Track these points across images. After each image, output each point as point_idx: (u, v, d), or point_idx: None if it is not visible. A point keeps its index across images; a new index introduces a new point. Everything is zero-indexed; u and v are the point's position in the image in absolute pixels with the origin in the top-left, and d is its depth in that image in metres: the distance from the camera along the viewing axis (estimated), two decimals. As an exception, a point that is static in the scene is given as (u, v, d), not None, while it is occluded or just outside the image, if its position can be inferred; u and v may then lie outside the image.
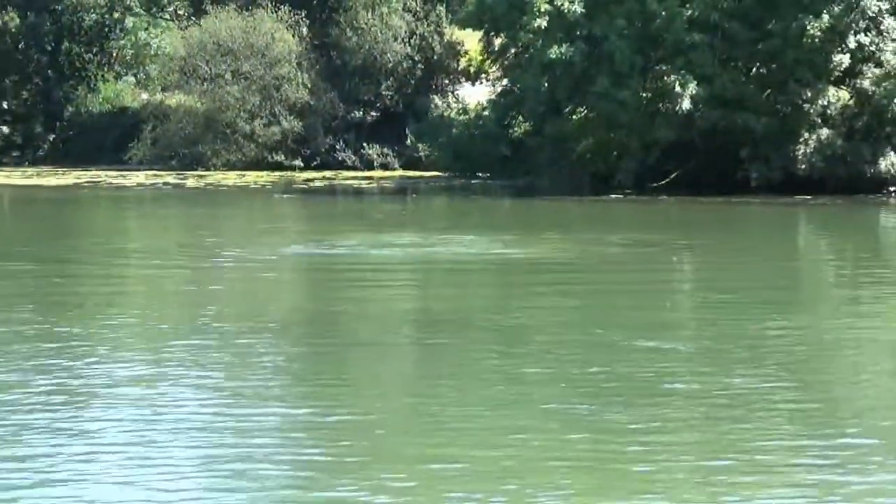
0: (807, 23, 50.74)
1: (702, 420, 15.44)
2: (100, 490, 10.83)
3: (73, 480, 11.15)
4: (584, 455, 13.20)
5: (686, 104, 50.90)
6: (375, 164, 68.52)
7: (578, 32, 53.26)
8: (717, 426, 14.62)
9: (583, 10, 52.39)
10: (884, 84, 51.51)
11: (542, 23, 52.25)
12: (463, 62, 71.40)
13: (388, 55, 69.58)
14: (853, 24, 51.80)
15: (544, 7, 52.49)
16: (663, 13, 52.25)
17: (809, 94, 52.44)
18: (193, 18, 75.64)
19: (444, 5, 71.19)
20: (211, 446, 13.75)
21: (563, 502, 9.86)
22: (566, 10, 52.16)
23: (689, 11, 52.29)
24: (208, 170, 66.81)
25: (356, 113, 70.37)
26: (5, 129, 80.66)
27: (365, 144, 69.18)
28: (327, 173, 67.15)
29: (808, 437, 13.69)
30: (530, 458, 12.95)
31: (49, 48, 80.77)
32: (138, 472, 11.59)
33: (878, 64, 52.87)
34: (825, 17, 51.24)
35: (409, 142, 67.52)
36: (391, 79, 70.30)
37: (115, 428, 14.65)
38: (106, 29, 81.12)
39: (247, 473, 11.54)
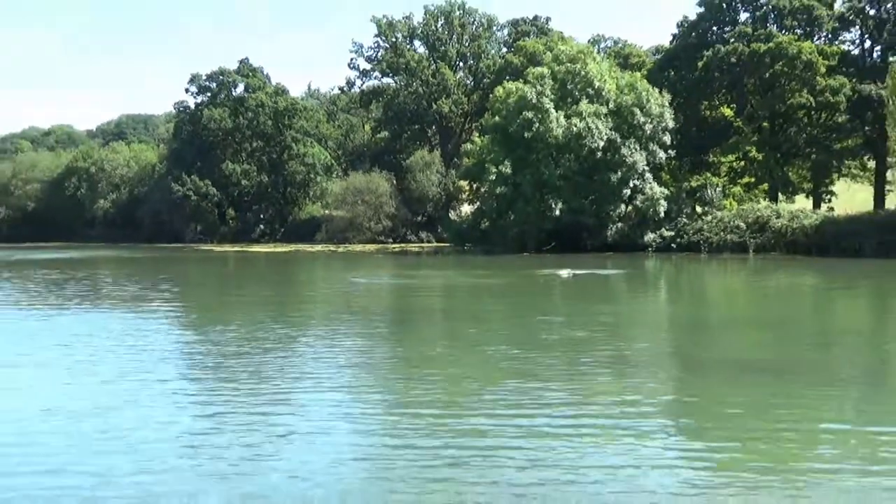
0: (611, 176, 67.02)
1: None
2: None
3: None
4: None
5: (557, 212, 66.57)
6: (424, 241, 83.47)
7: (509, 181, 67.58)
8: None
9: (510, 171, 66.98)
10: (646, 203, 67.02)
11: (492, 176, 67.31)
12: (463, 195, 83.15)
13: (430, 191, 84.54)
14: (631, 177, 67.24)
15: (493, 170, 66.90)
16: (545, 174, 66.89)
17: (612, 209, 67.81)
18: (344, 176, 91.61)
19: (454, 170, 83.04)
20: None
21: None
22: (504, 171, 66.88)
23: (558, 171, 66.98)
24: (351, 244, 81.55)
25: (416, 218, 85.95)
26: (262, 226, 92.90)
27: (420, 233, 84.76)
28: (403, 245, 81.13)
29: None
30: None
31: (280, 190, 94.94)
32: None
33: (642, 192, 67.74)
34: (619, 172, 67.04)
35: (440, 230, 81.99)
36: (431, 203, 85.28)
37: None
38: (309, 178, 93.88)
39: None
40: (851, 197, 71.89)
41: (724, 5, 74.08)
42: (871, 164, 71.66)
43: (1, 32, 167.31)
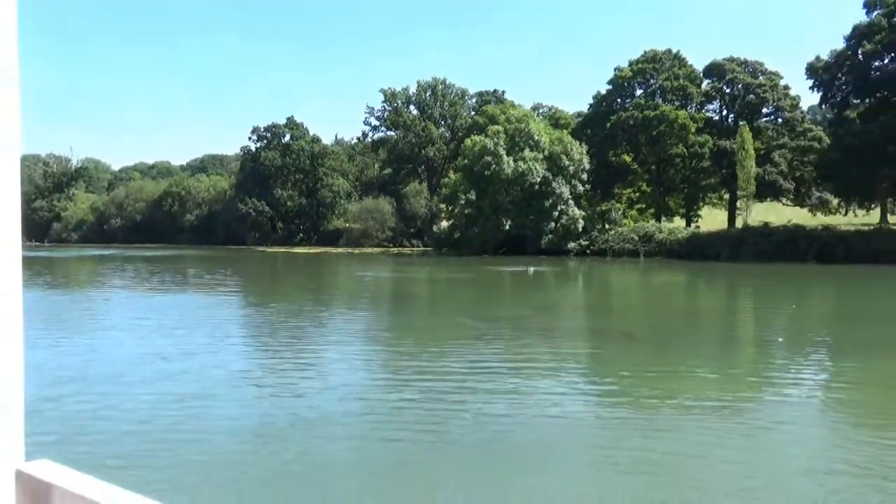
0: (545, 202, 66.25)
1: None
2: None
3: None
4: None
5: (507, 227, 66.31)
6: (415, 246, 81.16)
7: (473, 204, 66.90)
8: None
9: (475, 197, 66.38)
10: (569, 221, 66.09)
11: (462, 201, 67.16)
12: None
13: (419, 211, 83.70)
14: (559, 203, 66.39)
15: (463, 197, 66.80)
16: (499, 200, 66.50)
17: (545, 225, 66.48)
18: (359, 200, 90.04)
19: (437, 196, 79.48)
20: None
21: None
22: (470, 198, 66.47)
23: (508, 198, 66.43)
24: (363, 248, 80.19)
25: (409, 230, 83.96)
26: (301, 234, 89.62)
27: (412, 240, 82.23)
28: (400, 249, 79.16)
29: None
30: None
31: (314, 209, 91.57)
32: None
33: (567, 213, 66.21)
34: (550, 199, 66.36)
35: (426, 238, 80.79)
36: (420, 219, 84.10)
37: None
38: (335, 201, 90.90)
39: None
40: (713, 219, 71.73)
41: (626, 84, 74.21)
42: (727, 196, 71.93)
43: (128, 83, 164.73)
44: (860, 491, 7.81)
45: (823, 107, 66.52)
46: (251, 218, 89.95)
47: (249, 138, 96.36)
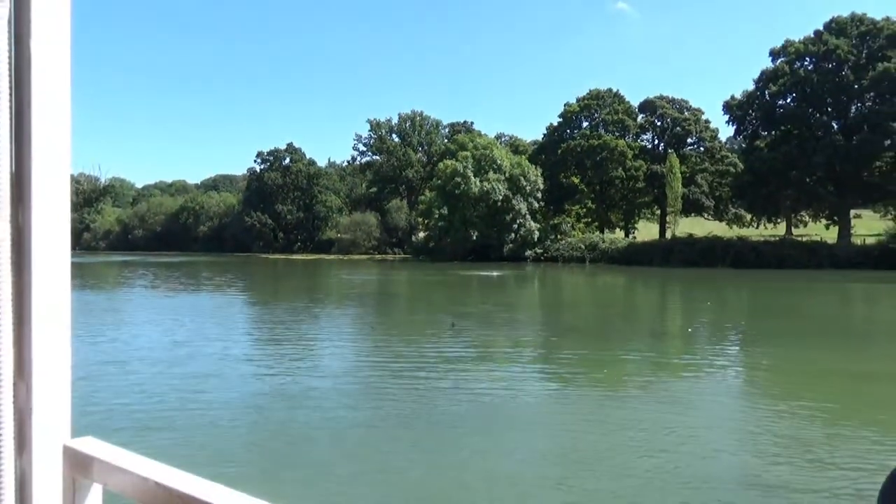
0: (506, 216, 65.95)
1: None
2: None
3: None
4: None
5: (474, 237, 66.32)
6: (396, 254, 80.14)
7: (445, 218, 66.97)
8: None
9: (447, 212, 66.55)
10: (526, 232, 66.20)
11: (436, 215, 67.21)
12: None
13: (400, 224, 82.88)
14: (517, 217, 66.42)
15: (437, 212, 66.87)
16: (467, 214, 66.41)
17: (506, 236, 66.51)
18: (349, 214, 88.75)
19: (415, 211, 78.17)
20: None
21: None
22: (443, 213, 66.72)
23: (475, 213, 66.06)
24: (352, 255, 78.76)
25: (392, 240, 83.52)
26: (299, 243, 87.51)
27: (394, 249, 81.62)
28: (384, 256, 77.75)
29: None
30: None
31: (310, 222, 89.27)
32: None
33: (524, 226, 66.34)
34: (510, 214, 66.22)
35: (405, 247, 79.69)
36: (401, 230, 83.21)
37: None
38: (328, 215, 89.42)
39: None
40: (647, 231, 72.47)
41: (573, 117, 74.67)
42: (658, 211, 72.34)
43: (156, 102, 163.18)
44: (753, 447, 8.12)
45: (738, 138, 67.63)
46: (256, 229, 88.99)
47: (255, 161, 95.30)
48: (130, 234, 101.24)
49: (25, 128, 1.17)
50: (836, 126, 57.57)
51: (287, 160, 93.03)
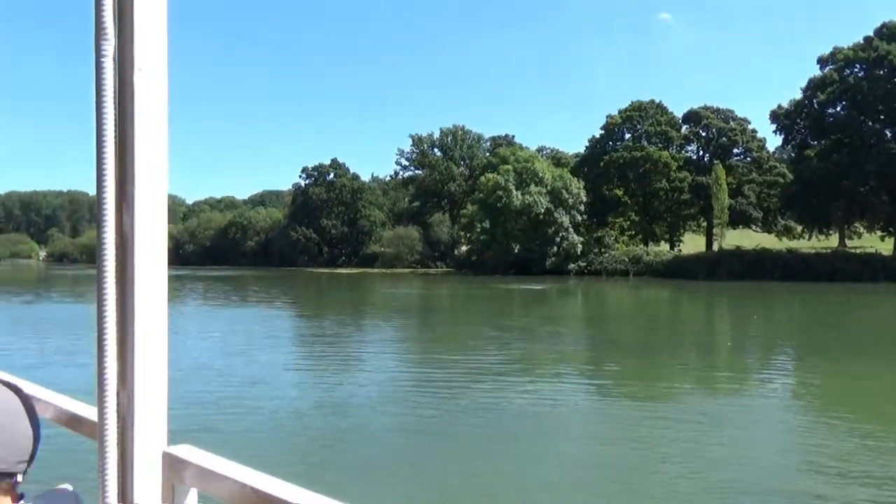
0: (548, 230, 65.33)
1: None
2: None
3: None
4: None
5: (516, 251, 65.29)
6: (439, 267, 78.17)
7: (487, 232, 66.33)
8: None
9: (489, 225, 65.81)
10: (569, 246, 65.44)
11: (478, 229, 66.91)
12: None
13: (442, 238, 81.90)
14: (560, 230, 66.13)
15: (479, 226, 66.64)
16: (509, 228, 65.49)
17: (548, 249, 65.91)
18: (392, 228, 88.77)
19: (457, 225, 78.60)
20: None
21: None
22: (485, 226, 66.10)
23: (516, 226, 65.14)
24: (395, 269, 77.78)
25: (434, 253, 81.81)
26: (343, 257, 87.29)
27: (437, 262, 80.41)
28: (426, 270, 76.44)
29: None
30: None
31: (355, 236, 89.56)
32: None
33: (567, 239, 65.86)
34: (553, 227, 65.23)
35: (448, 261, 79.00)
36: (443, 244, 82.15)
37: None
38: (371, 229, 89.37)
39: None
40: (693, 243, 70.71)
41: (616, 129, 73.93)
42: (704, 223, 70.75)
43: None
44: (807, 458, 7.94)
45: (786, 147, 66.10)
46: (301, 244, 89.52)
47: (300, 176, 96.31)
48: (181, 249, 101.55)
49: (129, 150, 1.29)
50: (889, 134, 56.01)
51: (331, 175, 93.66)
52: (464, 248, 76.88)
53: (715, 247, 65.48)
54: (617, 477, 7.42)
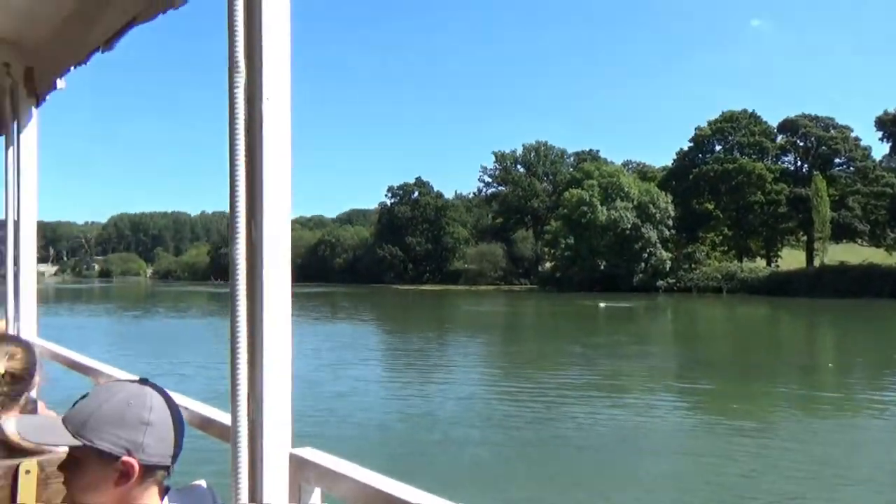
0: (635, 245, 64.11)
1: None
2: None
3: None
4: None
5: (602, 267, 64.79)
6: (523, 284, 78.19)
7: (572, 248, 66.55)
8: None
9: (573, 241, 66.05)
10: (657, 262, 64.26)
11: (563, 245, 66.89)
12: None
13: (526, 254, 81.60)
14: (647, 246, 65.25)
15: (563, 242, 66.60)
16: (594, 244, 64.55)
17: (636, 266, 64.94)
18: (476, 245, 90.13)
19: (541, 241, 78.10)
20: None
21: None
22: (569, 242, 66.31)
23: (602, 242, 64.65)
24: (479, 286, 78.20)
25: (518, 270, 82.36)
26: (428, 273, 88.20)
27: (521, 279, 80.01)
28: (510, 287, 77.44)
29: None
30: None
31: (439, 253, 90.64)
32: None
33: (655, 255, 64.47)
34: (640, 243, 64.65)
35: (532, 277, 78.60)
36: (527, 261, 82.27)
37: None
38: (455, 247, 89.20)
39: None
40: (793, 258, 67.31)
41: (706, 141, 72.09)
42: (804, 238, 67.53)
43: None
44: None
45: (894, 156, 62.10)
46: (388, 261, 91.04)
47: (385, 195, 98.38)
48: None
49: (257, 171, 1.42)
50: None
51: (416, 194, 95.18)
52: (548, 264, 76.59)
53: (816, 262, 62.39)
54: (711, 497, 7.23)
